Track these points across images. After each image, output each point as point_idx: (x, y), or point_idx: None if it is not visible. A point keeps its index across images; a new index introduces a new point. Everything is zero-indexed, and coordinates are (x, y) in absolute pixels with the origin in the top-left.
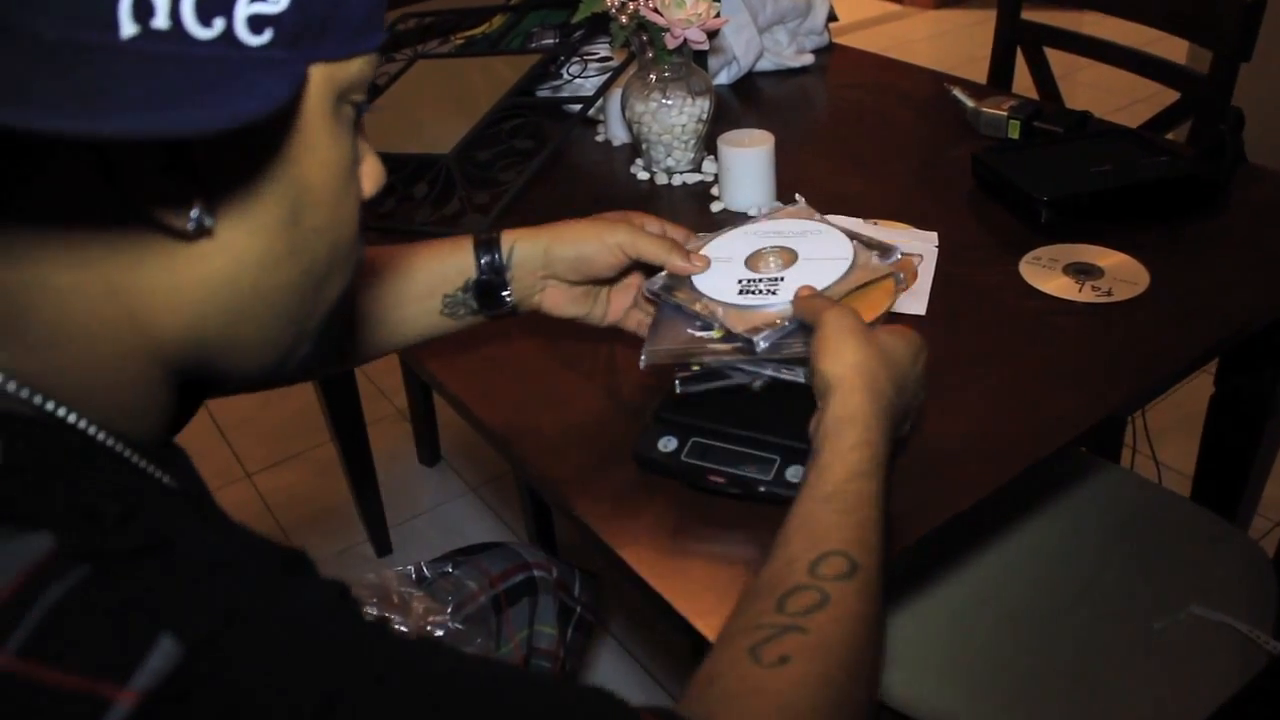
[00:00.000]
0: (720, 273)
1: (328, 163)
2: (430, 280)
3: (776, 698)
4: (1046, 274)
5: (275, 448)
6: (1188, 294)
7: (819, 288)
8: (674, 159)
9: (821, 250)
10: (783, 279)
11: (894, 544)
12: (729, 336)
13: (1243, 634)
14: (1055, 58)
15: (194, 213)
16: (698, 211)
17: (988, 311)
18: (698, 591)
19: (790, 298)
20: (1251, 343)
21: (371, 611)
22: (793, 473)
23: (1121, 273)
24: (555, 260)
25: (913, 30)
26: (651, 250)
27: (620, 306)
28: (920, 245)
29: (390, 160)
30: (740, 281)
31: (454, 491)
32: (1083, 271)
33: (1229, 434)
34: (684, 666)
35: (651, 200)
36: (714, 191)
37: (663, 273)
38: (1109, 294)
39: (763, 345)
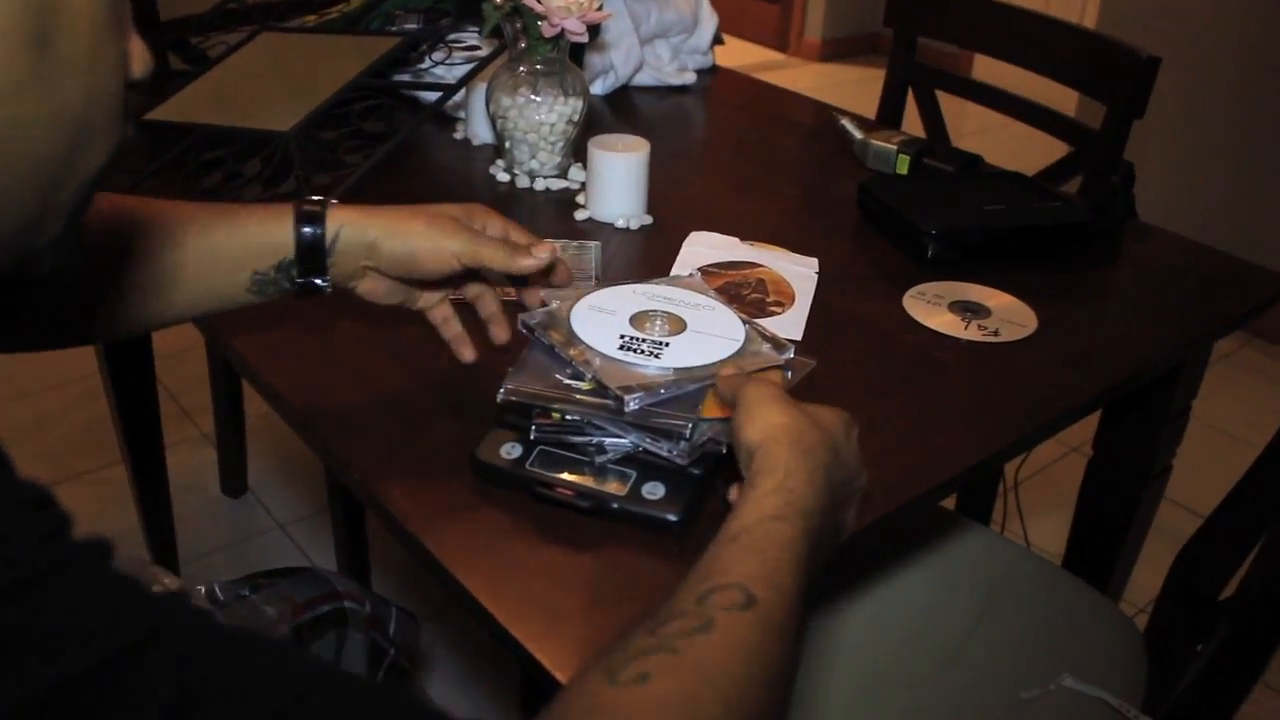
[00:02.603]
0: (602, 324)
1: None
2: (241, 252)
3: (624, 716)
4: (931, 309)
5: (56, 466)
6: (1075, 341)
7: (703, 363)
8: (538, 161)
9: (712, 326)
10: (667, 345)
11: None
12: (599, 390)
13: (1113, 708)
14: (946, 105)
15: None
16: (560, 219)
17: (867, 342)
18: (538, 616)
19: (673, 364)
20: (1132, 401)
21: None
22: (650, 489)
23: (1009, 314)
24: (383, 255)
25: (794, 81)
26: (491, 257)
27: (434, 298)
28: (800, 270)
29: (221, 135)
30: (622, 337)
31: (259, 527)
32: (969, 310)
33: (1104, 498)
34: None
35: (511, 204)
36: (579, 200)
37: (542, 309)
38: (996, 334)
39: (632, 406)
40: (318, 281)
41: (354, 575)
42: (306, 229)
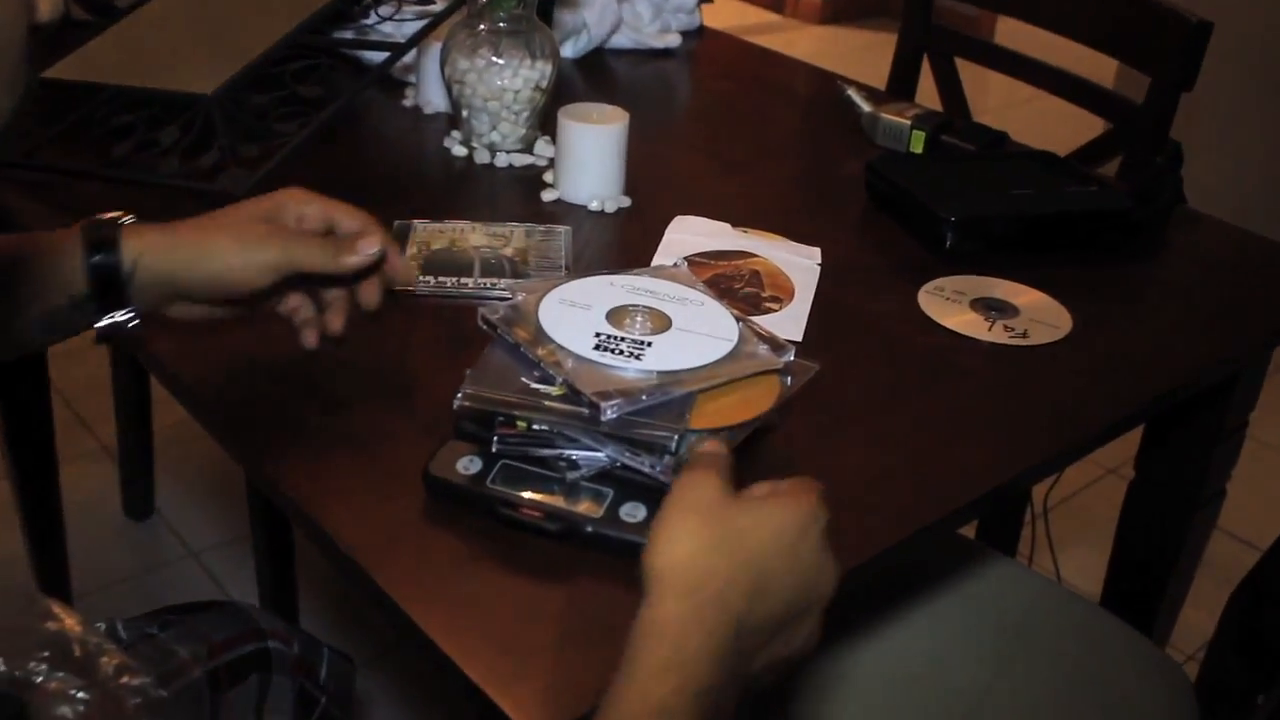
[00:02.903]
0: (574, 319)
1: None
2: (24, 288)
3: None
4: (950, 307)
5: None
6: (1114, 345)
7: (690, 366)
8: (500, 133)
9: (700, 324)
10: (650, 344)
11: None
12: (571, 396)
13: None
14: (966, 74)
15: None
16: (524, 201)
17: (877, 344)
18: (500, 656)
19: (656, 367)
20: (1180, 415)
21: (41, 669)
22: (629, 510)
23: (1040, 313)
24: (186, 284)
25: (792, 45)
26: (311, 261)
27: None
28: (800, 261)
29: (133, 97)
30: (598, 335)
31: (168, 554)
32: (994, 308)
33: (1147, 527)
34: None
35: (467, 183)
36: (547, 178)
37: (507, 302)
38: (1024, 336)
39: (610, 415)
40: (120, 317)
41: (280, 611)
42: (98, 257)
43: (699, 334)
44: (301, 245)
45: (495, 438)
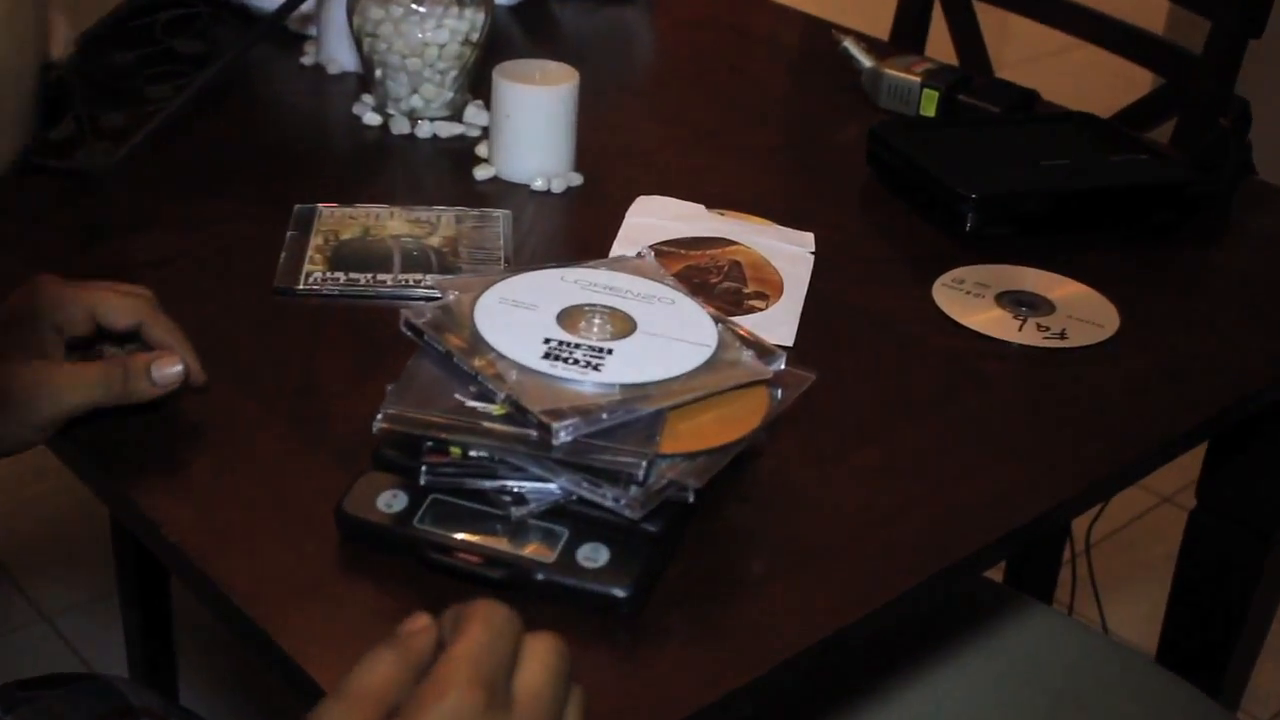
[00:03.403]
0: (519, 323)
1: None
2: None
3: None
4: (971, 303)
5: None
6: (1170, 347)
7: (659, 378)
8: (422, 98)
9: (671, 327)
10: (610, 352)
11: (741, 674)
12: (515, 416)
13: None
14: (986, 20)
15: None
16: (453, 179)
17: (884, 349)
18: None
19: (618, 379)
20: (1248, 432)
21: None
22: (588, 553)
23: (1080, 309)
24: None
25: None
26: (92, 398)
27: None
28: (790, 249)
29: None
30: (548, 342)
31: (17, 619)
32: (1024, 303)
33: (1211, 568)
34: None
35: (383, 158)
36: (480, 151)
37: (435, 303)
38: (1061, 336)
39: (563, 438)
40: None
41: (155, 683)
42: None
43: (669, 339)
44: (76, 387)
45: (423, 468)
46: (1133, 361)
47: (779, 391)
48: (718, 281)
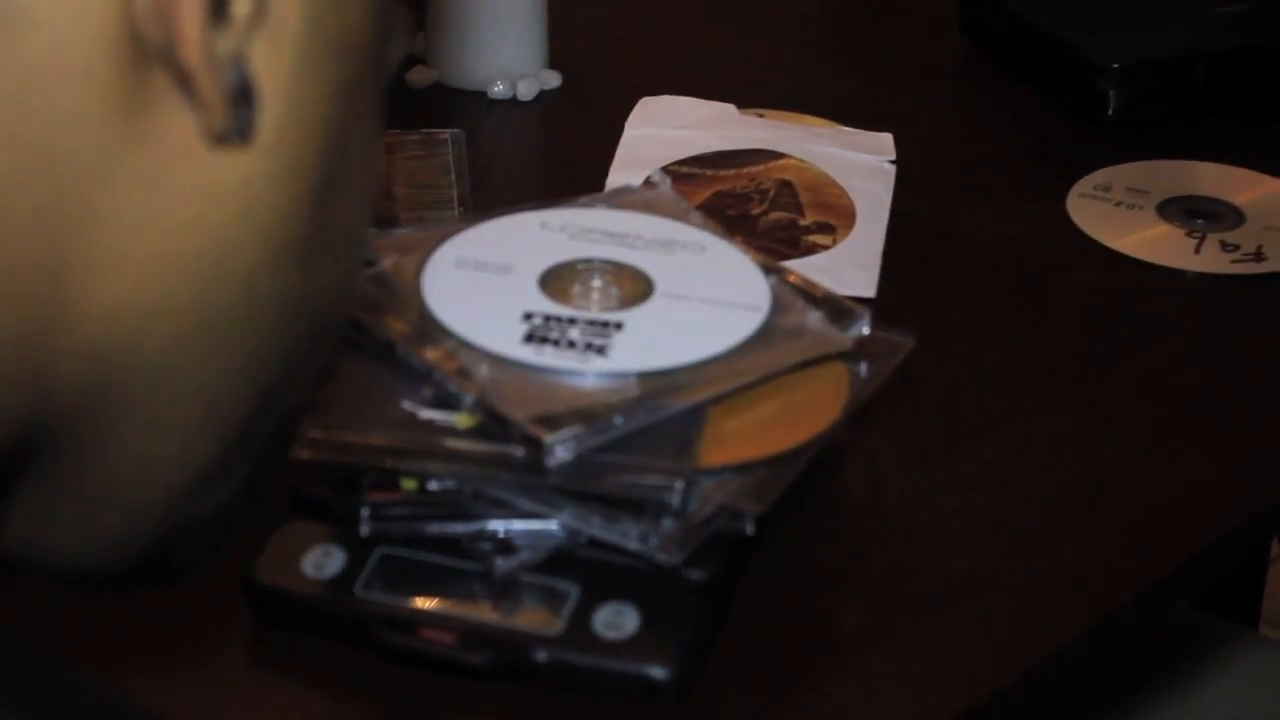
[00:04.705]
0: (486, 294)
1: None
2: None
3: None
4: (1124, 217)
5: None
6: None
7: (690, 360)
8: None
9: (702, 284)
10: (620, 326)
11: None
12: (490, 428)
13: None
14: None
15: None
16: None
17: (1006, 293)
18: None
19: (633, 365)
20: None
21: None
22: (608, 618)
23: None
24: None
25: None
26: None
27: None
28: (860, 160)
29: None
30: (529, 319)
31: None
32: (1200, 213)
33: None
34: None
35: None
36: (416, 49)
37: (366, 271)
38: (1258, 257)
39: (561, 456)
40: None
41: None
42: None
43: (701, 301)
44: None
45: (364, 511)
46: None
47: (863, 367)
48: (762, 212)
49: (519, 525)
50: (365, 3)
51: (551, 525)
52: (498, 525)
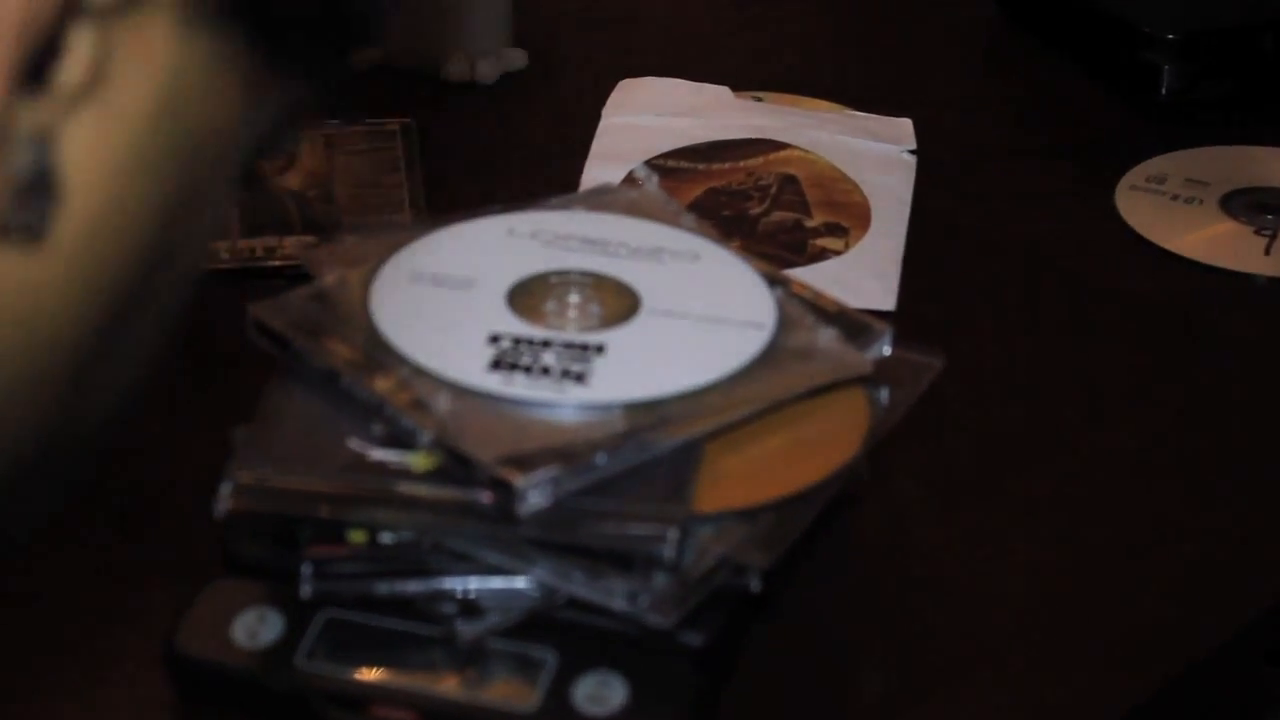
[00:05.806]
0: (445, 313)
1: None
2: None
3: None
4: (1182, 213)
5: None
6: None
7: (683, 388)
8: None
9: (696, 298)
10: (600, 349)
11: None
12: (452, 471)
13: None
14: None
15: None
16: None
17: (1047, 302)
18: None
19: (616, 396)
20: None
21: None
22: (592, 691)
23: None
24: None
25: None
26: None
27: None
28: (876, 150)
29: None
30: (496, 341)
31: None
32: (1268, 208)
33: None
34: None
35: None
36: None
37: (304, 289)
38: None
39: (534, 501)
40: None
41: None
42: None
43: (696, 319)
44: None
45: (307, 568)
46: None
47: (884, 393)
48: (763, 212)
49: (486, 583)
50: (237, 96)
51: (524, 583)
52: (461, 584)
